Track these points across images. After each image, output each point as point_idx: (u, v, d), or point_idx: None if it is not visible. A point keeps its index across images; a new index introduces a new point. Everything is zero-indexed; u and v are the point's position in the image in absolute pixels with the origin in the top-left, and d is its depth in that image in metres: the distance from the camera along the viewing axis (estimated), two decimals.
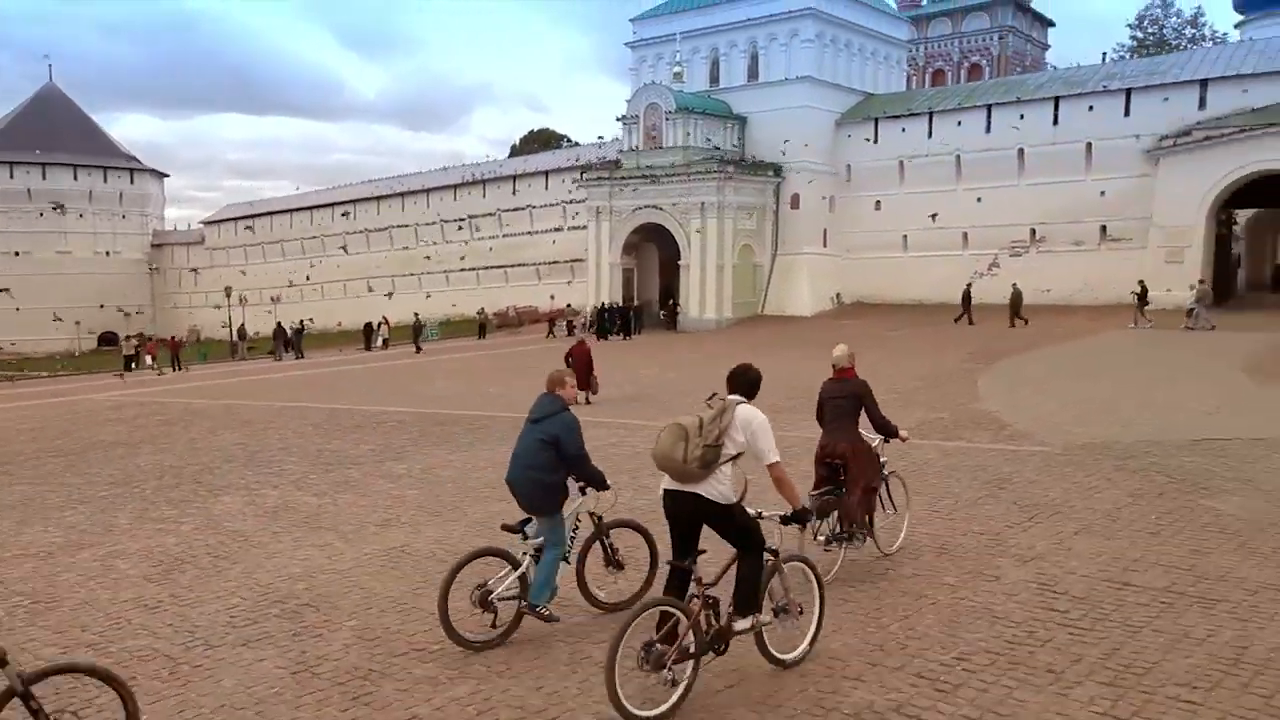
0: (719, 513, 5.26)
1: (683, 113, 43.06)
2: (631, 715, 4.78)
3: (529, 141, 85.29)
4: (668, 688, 4.95)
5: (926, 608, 6.58)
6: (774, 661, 5.54)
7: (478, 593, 6.05)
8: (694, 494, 5.20)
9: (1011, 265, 40.51)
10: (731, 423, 5.27)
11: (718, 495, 5.22)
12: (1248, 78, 35.36)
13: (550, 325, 44.42)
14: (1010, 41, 64.32)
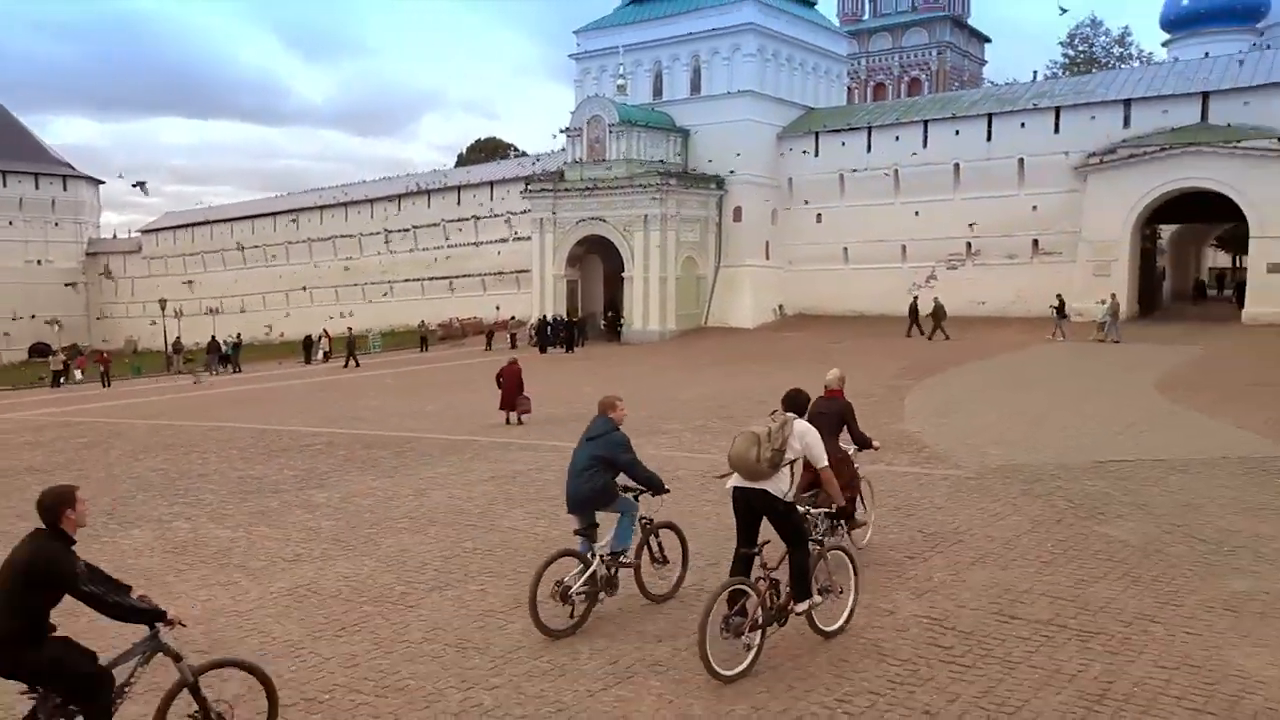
0: (781, 507, 6.40)
1: (625, 125, 43.23)
2: (718, 674, 5.97)
3: (475, 150, 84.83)
4: (743, 651, 6.13)
5: (819, 646, 6.71)
6: (820, 633, 6.72)
7: (557, 588, 6.87)
8: (762, 490, 6.34)
9: (948, 277, 41.34)
10: (791, 433, 6.42)
11: (779, 492, 6.39)
12: (1168, 98, 36.55)
13: (489, 338, 44.19)
14: (948, 57, 65.68)
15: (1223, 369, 22.93)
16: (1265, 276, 33.22)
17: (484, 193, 58.30)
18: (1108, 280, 36.65)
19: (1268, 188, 33.25)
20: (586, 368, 31.95)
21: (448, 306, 58.07)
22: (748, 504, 6.42)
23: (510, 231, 55.62)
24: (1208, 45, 63.71)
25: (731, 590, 6.18)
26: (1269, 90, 34.54)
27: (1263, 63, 36.05)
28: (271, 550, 9.75)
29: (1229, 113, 35.32)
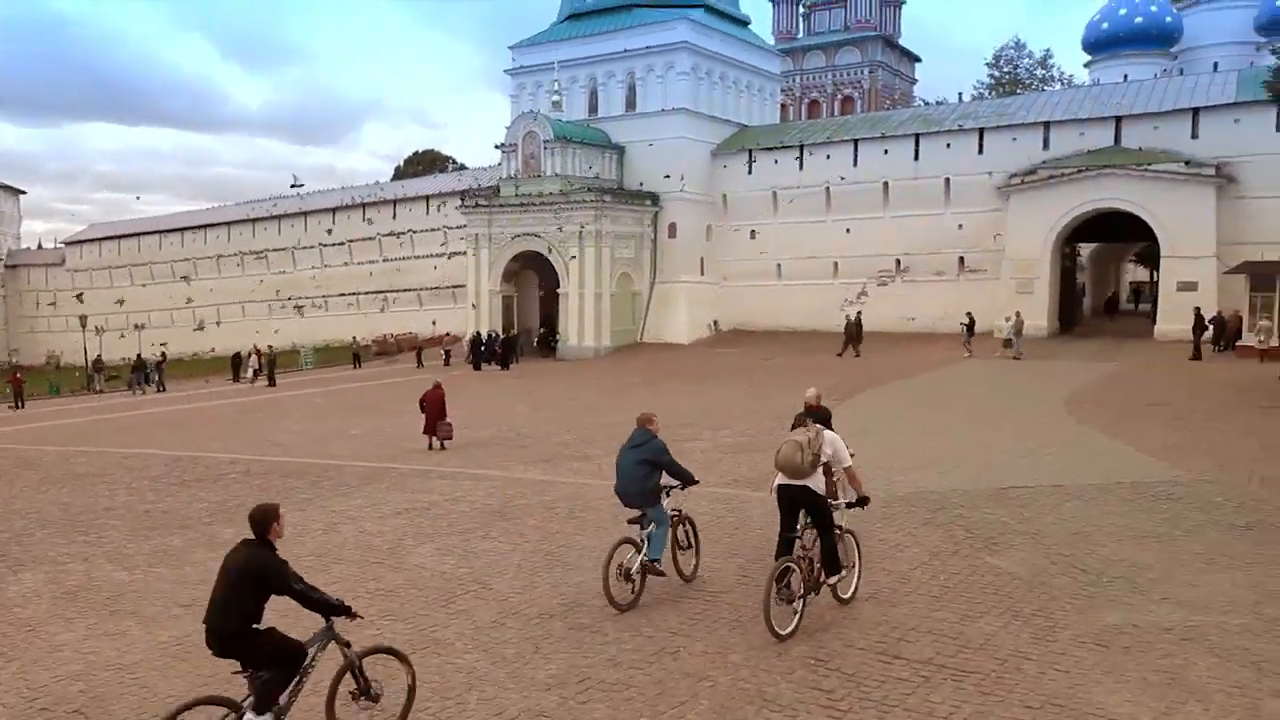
0: (817, 500, 8.01)
1: (561, 141, 43.28)
2: (777, 634, 7.53)
3: (413, 163, 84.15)
4: (792, 615, 7.72)
5: (703, 691, 6.80)
6: (840, 601, 8.36)
7: (619, 570, 8.44)
8: (803, 486, 7.95)
9: (879, 294, 42.15)
10: (823, 440, 8.03)
11: (817, 487, 8.01)
12: (1084, 122, 37.79)
13: (419, 355, 43.68)
14: (880, 76, 67.06)
15: (1130, 388, 23.72)
16: (1175, 295, 34.46)
17: (420, 206, 57.87)
18: (1030, 297, 37.73)
19: (1176, 208, 34.58)
20: (520, 386, 31.86)
21: (384, 321, 57.48)
22: (790, 498, 8.07)
23: (447, 246, 55.27)
24: (1126, 67, 66.24)
25: (780, 566, 7.73)
26: (1176, 116, 35.93)
27: (1170, 89, 37.48)
28: (166, 594, 9.55)
29: (1140, 136, 36.66)
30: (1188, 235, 34.46)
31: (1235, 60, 61.63)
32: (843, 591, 8.42)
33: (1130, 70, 66.12)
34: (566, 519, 12.39)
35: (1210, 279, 33.54)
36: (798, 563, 7.85)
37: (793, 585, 7.72)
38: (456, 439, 19.14)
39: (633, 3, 46.85)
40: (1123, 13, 67.21)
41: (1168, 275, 35.45)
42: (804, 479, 7.91)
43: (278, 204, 65.38)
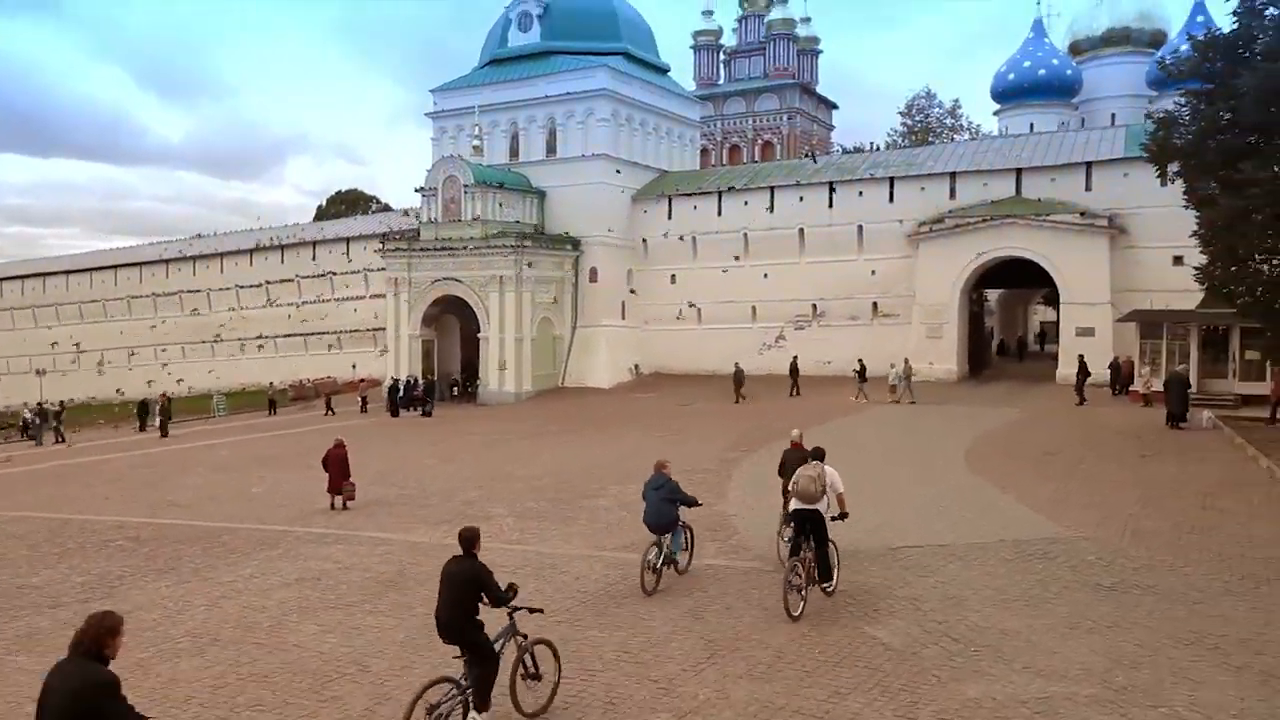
0: (821, 520, 10.66)
1: (481, 186, 43.29)
2: (791, 615, 10.17)
3: (336, 202, 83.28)
4: (801, 601, 10.30)
5: None
6: (826, 594, 10.86)
7: (649, 563, 11.51)
8: (814, 509, 10.59)
9: (796, 338, 42.88)
10: (824, 472, 10.75)
11: (823, 509, 10.64)
12: (986, 173, 39.30)
13: (328, 403, 42.66)
14: (798, 122, 68.81)
15: (1027, 435, 24.50)
16: (1074, 340, 35.82)
17: (340, 248, 57.15)
18: (940, 342, 38.88)
19: (1073, 257, 36.10)
20: (435, 435, 31.46)
21: (303, 365, 56.38)
22: (803, 518, 10.67)
23: (368, 288, 54.62)
24: (1032, 117, 69.23)
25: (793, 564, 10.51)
26: (1072, 168, 37.62)
27: (1066, 144, 39.24)
28: (21, 688, 9.12)
29: (1040, 188, 38.26)
30: (1084, 283, 35.96)
31: (1131, 112, 64.93)
32: (830, 588, 10.96)
33: (1035, 119, 69.13)
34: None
35: (1106, 325, 34.99)
36: (803, 562, 10.52)
37: (801, 576, 10.41)
38: (361, 497, 18.81)
39: (553, 50, 47.36)
40: (1027, 65, 70.25)
41: (1067, 321, 36.85)
42: (815, 504, 10.60)
43: (193, 244, 63.90)
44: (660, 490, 11.69)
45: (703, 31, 74.63)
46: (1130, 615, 10.10)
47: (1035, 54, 70.45)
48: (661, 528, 11.63)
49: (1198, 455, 20.31)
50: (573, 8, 47.74)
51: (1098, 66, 71.88)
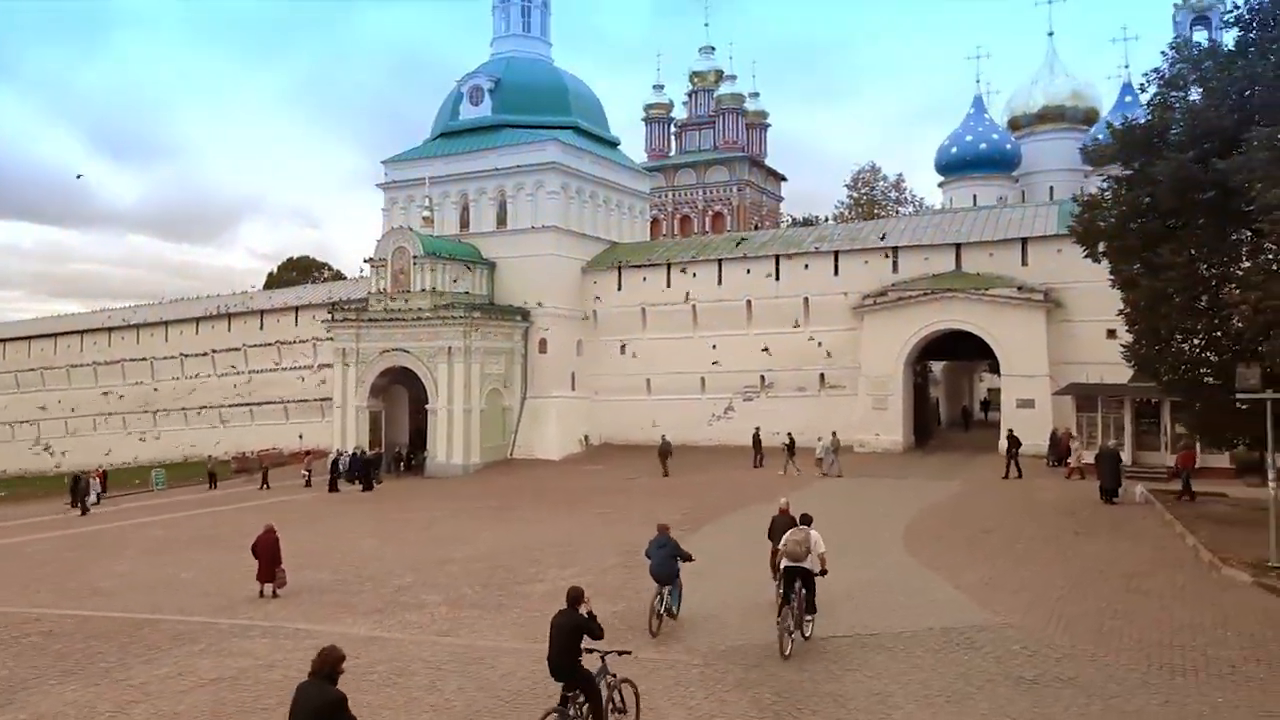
0: (809, 576, 12.79)
1: (430, 257, 43.37)
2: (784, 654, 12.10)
3: (287, 268, 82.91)
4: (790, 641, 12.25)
5: None
6: (805, 639, 12.73)
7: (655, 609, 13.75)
8: (801, 566, 12.70)
9: (745, 409, 43.16)
10: (809, 536, 12.90)
11: (810, 565, 12.78)
12: (927, 247, 40.35)
13: (264, 477, 41.63)
14: (748, 193, 70.31)
15: (966, 511, 24.73)
16: (1015, 411, 36.51)
17: (289, 316, 56.67)
18: (885, 413, 39.37)
19: (1012, 330, 36.99)
20: (375, 512, 30.89)
21: (248, 435, 55.40)
22: (792, 573, 12.79)
23: (316, 357, 54.07)
24: (974, 189, 71.57)
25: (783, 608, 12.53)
26: (1008, 244, 38.78)
27: (1002, 220, 40.52)
28: None
29: (979, 262, 39.31)
30: (1023, 355, 36.80)
31: (1068, 185, 67.39)
32: (807, 634, 12.83)
33: (978, 191, 71.48)
34: (380, 687, 11.94)
35: (1045, 397, 35.70)
36: (793, 608, 12.45)
37: (790, 621, 12.32)
38: (293, 582, 18.36)
39: (504, 123, 48.04)
40: (968, 139, 72.72)
41: (1008, 393, 37.57)
42: (802, 562, 12.78)
43: (137, 311, 62.91)
44: (664, 549, 13.97)
45: (654, 105, 76.39)
46: (1049, 711, 10.14)
47: (976, 129, 73.02)
48: (665, 579, 13.87)
49: (1129, 532, 20.64)
50: (524, 83, 48.62)
51: (1035, 142, 74.65)
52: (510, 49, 50.55)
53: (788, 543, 12.93)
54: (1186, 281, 21.07)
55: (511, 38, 50.90)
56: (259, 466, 48.57)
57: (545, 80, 49.41)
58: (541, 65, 50.43)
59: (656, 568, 13.87)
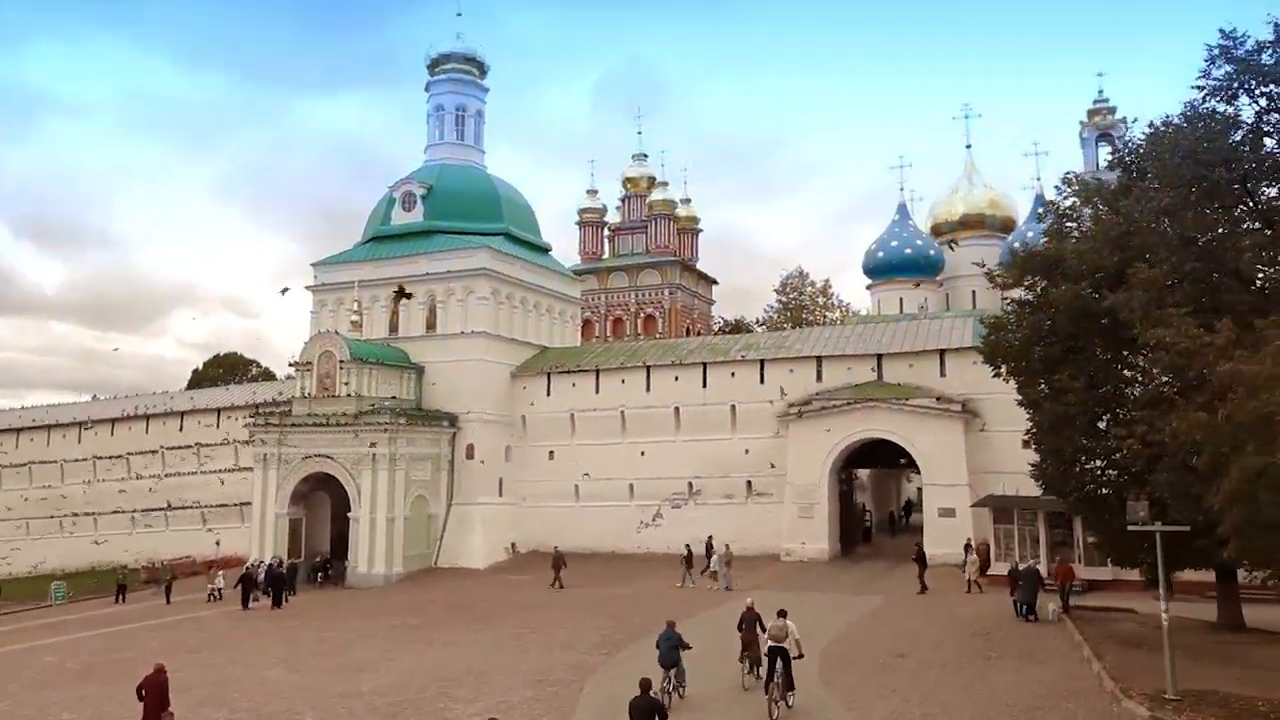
0: (788, 656, 16.58)
1: (357, 362, 42.93)
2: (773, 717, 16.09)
3: (213, 365, 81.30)
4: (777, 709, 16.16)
5: None
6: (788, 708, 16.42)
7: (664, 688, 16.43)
8: (782, 647, 16.61)
9: (673, 516, 42.98)
10: (787, 625, 16.93)
11: (790, 647, 16.73)
12: (850, 357, 41.28)
13: (167, 590, 39.52)
14: (679, 296, 71.51)
15: (883, 631, 24.65)
16: (937, 520, 36.95)
17: (211, 417, 55.31)
18: (811, 522, 39.50)
19: (932, 439, 37.72)
20: (286, 633, 29.61)
21: (162, 541, 53.40)
22: (774, 653, 16.39)
23: (237, 460, 52.67)
24: (901, 293, 73.58)
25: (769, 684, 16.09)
26: (927, 355, 39.89)
27: (921, 332, 41.72)
28: None
29: (899, 372, 40.27)
30: (943, 465, 37.45)
31: (989, 291, 69.61)
32: (790, 704, 16.34)
33: (904, 295, 73.50)
34: None
35: (966, 507, 36.19)
36: (776, 683, 16.07)
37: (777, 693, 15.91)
38: None
39: (436, 228, 48.44)
40: (894, 244, 75.08)
41: (930, 502, 38.07)
42: (782, 643, 16.58)
43: (50, 412, 60.80)
44: (669, 640, 17.52)
45: (588, 209, 77.90)
46: None
47: (901, 235, 75.51)
48: (670, 664, 17.27)
49: (1039, 657, 20.74)
50: (456, 190, 49.28)
51: (958, 247, 77.42)
52: (444, 156, 51.36)
53: (771, 629, 16.95)
54: (1086, 405, 21.80)
55: (446, 145, 51.77)
56: (171, 576, 46.65)
57: (478, 187, 50.17)
58: (474, 172, 51.26)
59: (663, 656, 17.29)
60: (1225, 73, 16.48)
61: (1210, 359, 13.83)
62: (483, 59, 53.00)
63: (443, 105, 52.01)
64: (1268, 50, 16.05)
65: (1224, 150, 15.31)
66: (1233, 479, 11.01)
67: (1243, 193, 16.08)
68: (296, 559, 42.46)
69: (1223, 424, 11.41)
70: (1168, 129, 19.42)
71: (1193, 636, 21.33)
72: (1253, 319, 14.57)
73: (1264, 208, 16.50)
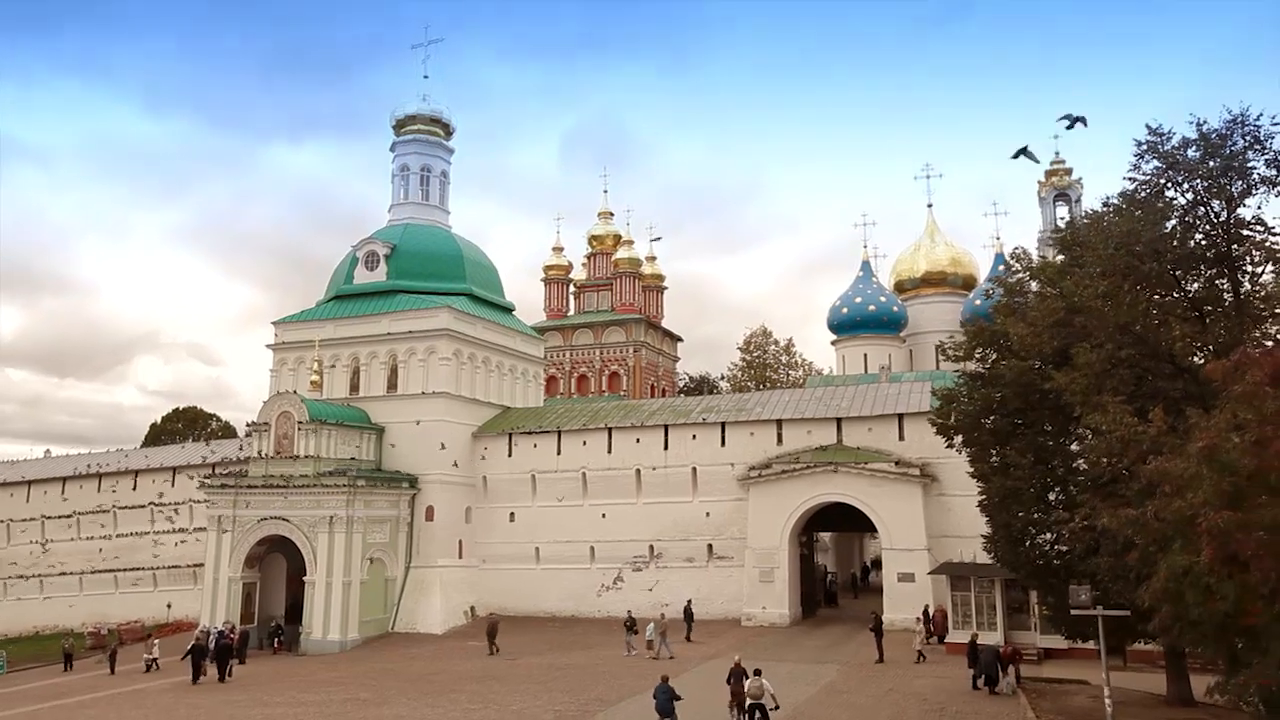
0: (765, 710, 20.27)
1: (316, 423, 42.48)
2: None
3: (172, 419, 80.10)
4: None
5: None
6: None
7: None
8: (760, 703, 20.21)
9: (634, 579, 42.69)
10: (763, 683, 20.40)
11: (766, 701, 20.32)
12: (810, 420, 41.50)
13: (112, 659, 37.89)
14: (644, 354, 71.76)
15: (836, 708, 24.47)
16: (896, 585, 36.97)
17: (165, 476, 54.33)
18: (772, 586, 39.34)
19: (891, 504, 37.90)
20: (229, 709, 28.75)
21: (112, 605, 52.06)
22: (753, 708, 20.08)
23: (192, 521, 51.69)
24: (865, 348, 74.42)
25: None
26: (885, 419, 40.24)
27: (879, 396, 42.10)
28: None
29: (859, 436, 40.54)
30: (903, 529, 37.59)
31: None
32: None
33: (869, 350, 74.30)
34: None
35: (925, 571, 36.25)
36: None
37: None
38: None
39: (398, 288, 48.39)
40: (858, 300, 76.09)
41: (889, 566, 38.11)
42: (760, 699, 19.49)
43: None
44: (665, 692, 20.40)
45: (553, 266, 78.33)
46: None
47: (865, 291, 76.58)
48: (665, 713, 20.24)
49: None
50: (420, 250, 49.37)
51: (920, 304, 78.61)
52: (408, 215, 51.53)
53: (750, 688, 20.19)
54: (1034, 480, 22.07)
55: (410, 205, 51.97)
56: (119, 643, 45.42)
57: (441, 247, 50.30)
58: (438, 233, 51.41)
59: (660, 706, 20.42)
60: (1154, 167, 17.06)
61: (1144, 448, 14.09)
62: (448, 120, 53.50)
63: (408, 165, 52.32)
64: (1192, 146, 16.66)
65: (1155, 241, 15.80)
66: (1160, 578, 11.17)
67: (1173, 282, 16.54)
68: (249, 625, 41.59)
69: (1151, 522, 11.61)
70: (1106, 209, 20.00)
71: (1141, 712, 21.40)
72: (1184, 406, 14.90)
73: (1194, 296, 16.97)
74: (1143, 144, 17.40)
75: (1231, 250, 15.98)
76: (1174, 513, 10.95)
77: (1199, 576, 10.38)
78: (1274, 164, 15.87)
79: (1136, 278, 15.69)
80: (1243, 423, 11.11)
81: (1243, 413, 11.08)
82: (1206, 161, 16.16)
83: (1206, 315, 16.85)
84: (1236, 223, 16.24)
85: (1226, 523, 10.11)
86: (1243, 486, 10.56)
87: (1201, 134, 16.59)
